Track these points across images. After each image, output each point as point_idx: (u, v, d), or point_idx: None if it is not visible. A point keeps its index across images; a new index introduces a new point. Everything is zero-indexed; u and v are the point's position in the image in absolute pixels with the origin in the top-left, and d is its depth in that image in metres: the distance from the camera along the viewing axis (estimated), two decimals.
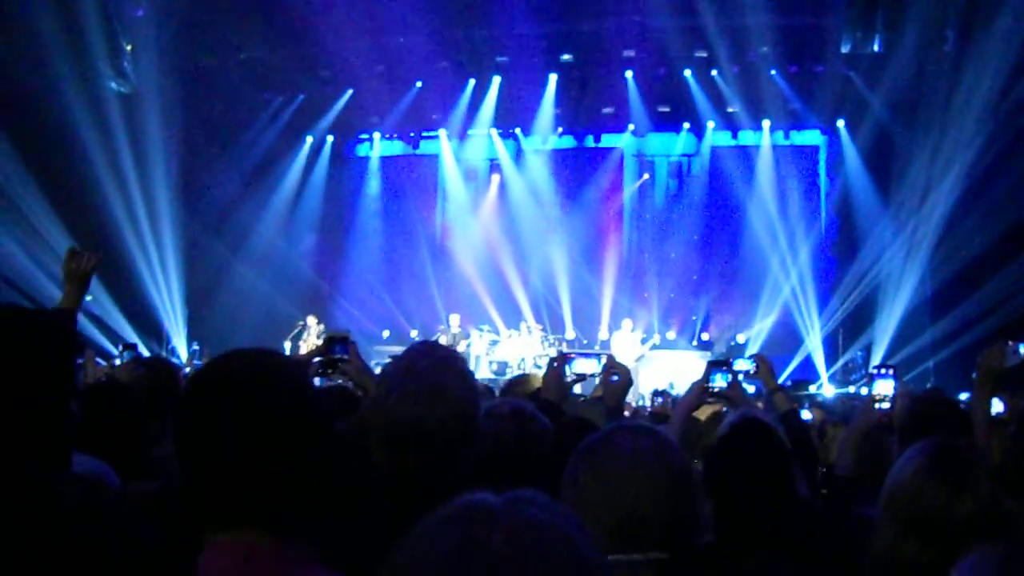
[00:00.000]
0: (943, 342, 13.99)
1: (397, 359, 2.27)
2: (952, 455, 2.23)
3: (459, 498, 1.02)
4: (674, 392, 11.15)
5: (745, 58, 16.81)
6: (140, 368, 4.12)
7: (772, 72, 17.00)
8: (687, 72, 17.65)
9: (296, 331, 15.83)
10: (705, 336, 18.09)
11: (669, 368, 16.02)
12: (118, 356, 8.35)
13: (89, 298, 3.40)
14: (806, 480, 3.13)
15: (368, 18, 16.14)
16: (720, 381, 3.65)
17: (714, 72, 17.39)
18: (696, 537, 1.81)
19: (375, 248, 20.25)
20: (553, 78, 18.30)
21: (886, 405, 3.58)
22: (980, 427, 3.31)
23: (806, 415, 6.51)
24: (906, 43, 14.87)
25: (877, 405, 3.57)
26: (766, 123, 18.17)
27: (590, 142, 19.73)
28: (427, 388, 2.11)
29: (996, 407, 4.05)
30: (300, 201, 19.73)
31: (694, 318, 18.40)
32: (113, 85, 16.06)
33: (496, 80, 18.50)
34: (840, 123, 17.59)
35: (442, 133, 19.93)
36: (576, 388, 4.11)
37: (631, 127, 19.04)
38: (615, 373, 3.75)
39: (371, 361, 9.16)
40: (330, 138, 20.10)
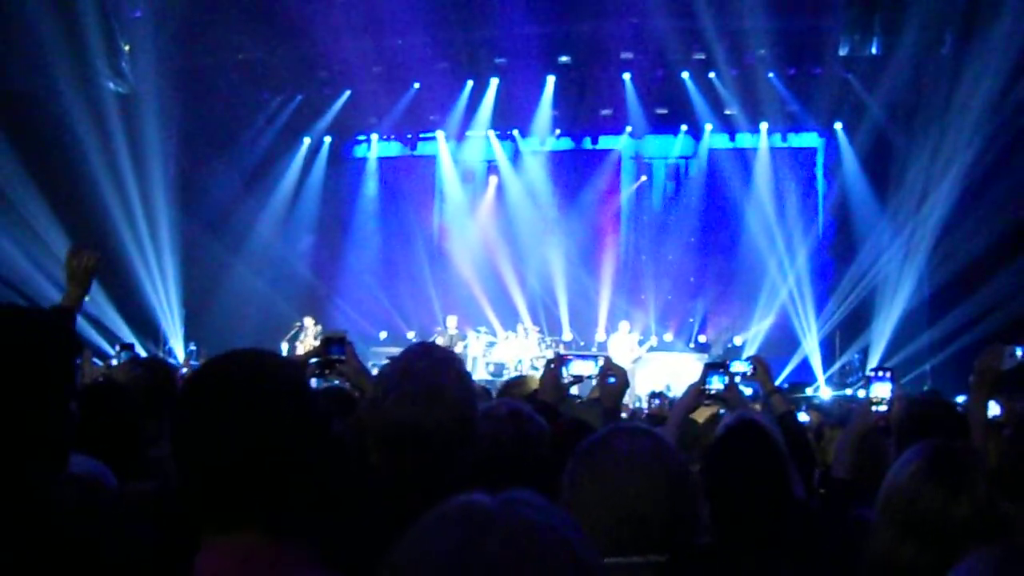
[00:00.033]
0: (940, 345, 14.00)
1: (395, 360, 2.27)
2: (949, 458, 2.23)
3: (455, 499, 1.02)
4: (671, 394, 11.15)
5: (743, 60, 16.82)
6: (137, 368, 4.11)
7: (770, 74, 17.01)
8: (685, 74, 17.64)
9: (293, 332, 15.82)
10: (702, 338, 18.09)
11: (666, 370, 16.02)
12: (115, 356, 8.34)
13: (87, 298, 3.37)
14: (803, 482, 3.14)
15: (366, 19, 16.15)
16: (717, 383, 3.65)
17: (712, 74, 17.37)
18: (694, 538, 1.81)
19: (372, 249, 20.23)
20: (551, 80, 18.30)
21: (883, 408, 3.58)
22: (977, 430, 3.31)
23: (803, 417, 6.52)
24: (904, 46, 14.90)
25: (874, 408, 3.57)
26: (764, 125, 18.15)
27: (588, 144, 19.71)
28: (425, 389, 2.11)
29: (993, 410, 4.05)
30: (298, 202, 19.71)
31: (691, 320, 18.40)
32: (111, 85, 16.06)
33: (494, 81, 18.50)
34: (838, 126, 17.59)
35: (440, 134, 19.92)
36: (573, 390, 4.11)
37: (629, 129, 19.03)
38: (612, 375, 3.75)
39: (368, 362, 9.16)
40: (328, 139, 20.06)
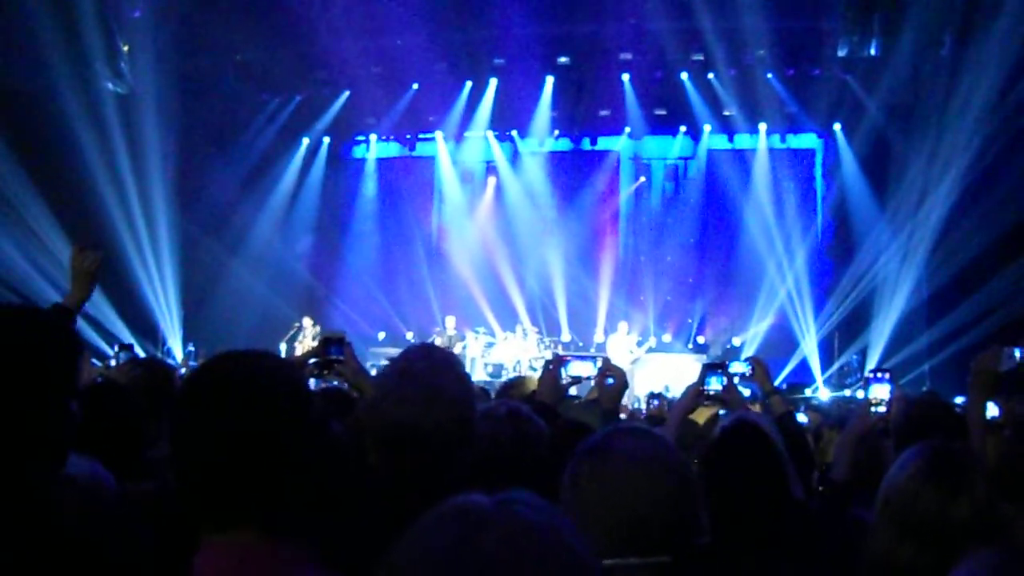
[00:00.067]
0: (939, 346, 14.01)
1: (394, 361, 2.27)
2: (948, 459, 2.23)
3: (453, 499, 1.02)
4: (670, 395, 11.17)
5: (742, 61, 16.83)
6: (137, 369, 4.11)
7: (769, 75, 17.02)
8: (684, 75, 17.64)
9: (292, 332, 15.82)
10: (701, 339, 18.09)
11: (665, 371, 16.01)
12: (113, 357, 8.33)
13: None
14: (801, 483, 3.14)
15: (365, 20, 16.15)
16: (715, 384, 3.65)
17: (711, 75, 17.37)
18: (695, 539, 1.81)
19: (371, 250, 20.23)
20: (550, 80, 18.30)
21: (882, 409, 3.58)
22: (975, 431, 3.31)
23: (802, 418, 6.52)
24: (903, 47, 14.91)
25: (873, 409, 3.57)
26: (762, 126, 18.15)
27: (586, 145, 19.71)
28: (424, 390, 2.11)
29: (991, 411, 4.05)
30: (296, 202, 19.71)
31: (690, 321, 18.40)
32: (110, 86, 16.06)
33: (493, 82, 18.50)
34: (837, 127, 17.59)
35: (438, 135, 19.92)
36: (572, 390, 4.11)
37: (627, 130, 19.03)
38: (611, 376, 3.75)
39: (367, 363, 9.15)
40: (326, 140, 20.06)
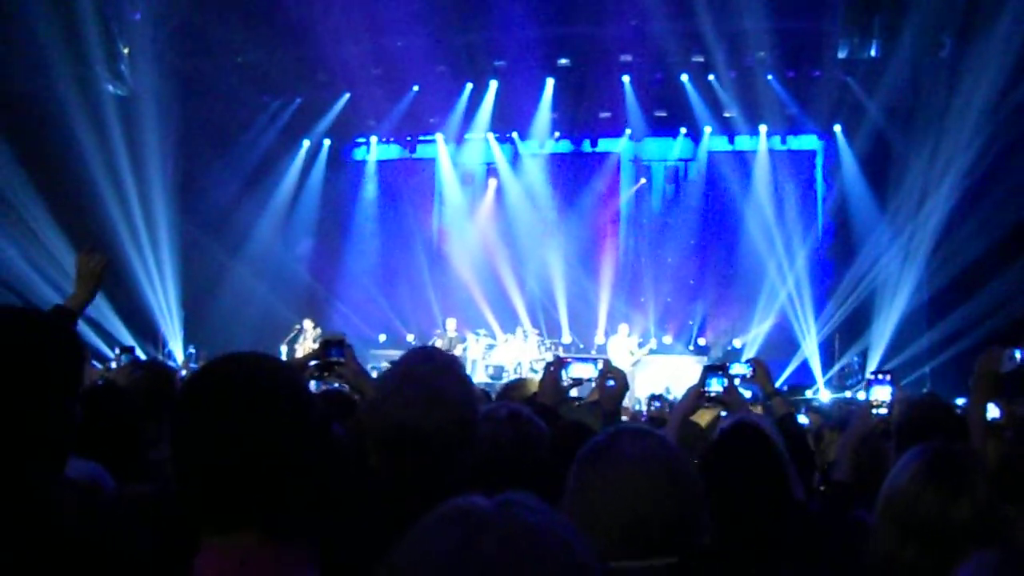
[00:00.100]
0: (939, 347, 14.00)
1: (396, 364, 2.27)
2: (949, 460, 2.23)
3: (453, 501, 1.02)
4: (670, 397, 11.18)
5: (742, 63, 16.82)
6: (137, 371, 4.11)
7: (769, 77, 17.03)
8: (684, 77, 17.63)
9: (292, 334, 15.81)
10: (701, 341, 18.10)
11: (665, 373, 16.04)
12: (114, 359, 8.33)
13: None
14: (802, 484, 3.14)
15: (365, 21, 16.15)
16: (716, 385, 3.65)
17: (711, 77, 17.36)
18: (697, 540, 1.81)
19: (372, 252, 20.23)
20: (550, 82, 18.31)
21: (883, 411, 3.58)
22: (976, 432, 3.31)
23: (803, 419, 6.52)
24: (903, 48, 14.90)
25: (874, 411, 3.57)
26: (763, 128, 18.15)
27: (587, 147, 19.71)
28: (425, 393, 2.11)
29: (992, 412, 4.04)
30: (297, 205, 19.71)
31: (691, 323, 18.41)
32: (110, 88, 16.04)
33: (493, 84, 18.51)
34: (837, 128, 17.58)
35: (439, 137, 19.92)
36: (573, 392, 4.11)
37: (628, 132, 19.02)
38: (611, 378, 3.75)
39: (367, 365, 9.13)
40: (327, 141, 20.05)
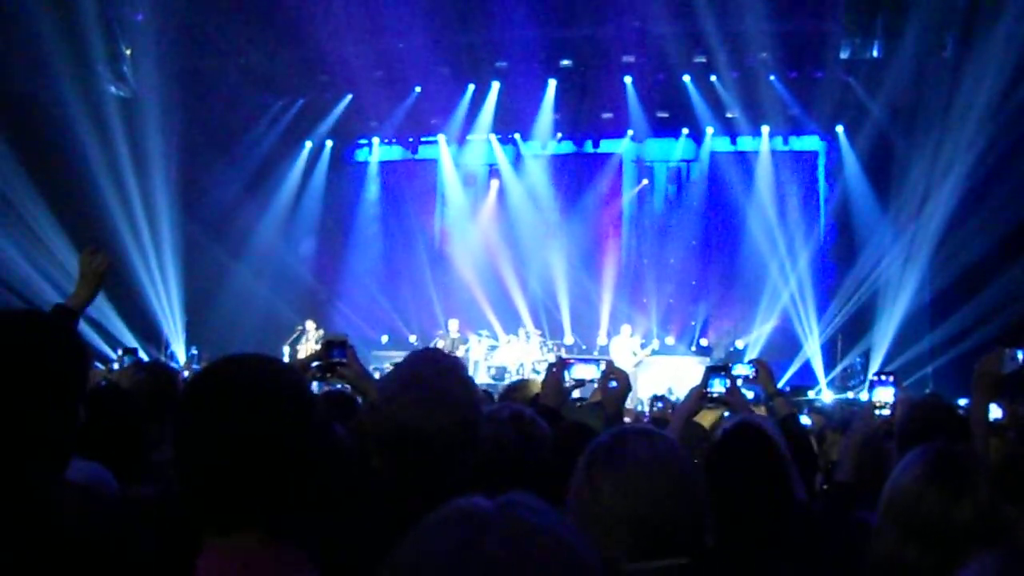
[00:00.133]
0: (942, 348, 13.99)
1: (399, 365, 2.27)
2: (951, 461, 2.22)
3: (455, 502, 1.02)
4: (673, 398, 11.17)
5: (744, 63, 16.82)
6: (140, 373, 4.11)
7: (771, 77, 17.01)
8: (686, 77, 17.63)
9: (295, 335, 15.80)
10: (704, 341, 18.10)
11: (668, 373, 16.02)
12: (117, 360, 8.34)
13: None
14: (804, 484, 3.13)
15: (367, 23, 16.16)
16: (719, 386, 3.65)
17: (713, 77, 17.36)
18: (705, 540, 1.81)
19: (374, 253, 20.23)
20: (552, 83, 18.31)
21: (886, 412, 3.58)
22: (978, 433, 3.30)
23: (805, 420, 6.51)
24: (905, 49, 14.90)
25: (877, 412, 3.57)
26: (765, 129, 18.13)
27: (589, 147, 19.71)
28: (428, 394, 2.11)
29: (995, 413, 4.04)
30: (299, 206, 19.71)
31: (693, 323, 18.40)
32: (112, 89, 16.08)
33: (495, 85, 18.51)
34: (839, 129, 17.57)
35: (441, 138, 19.93)
36: (575, 393, 4.10)
37: (630, 132, 19.02)
38: (614, 379, 3.74)
39: (369, 366, 9.12)
40: (329, 143, 20.07)
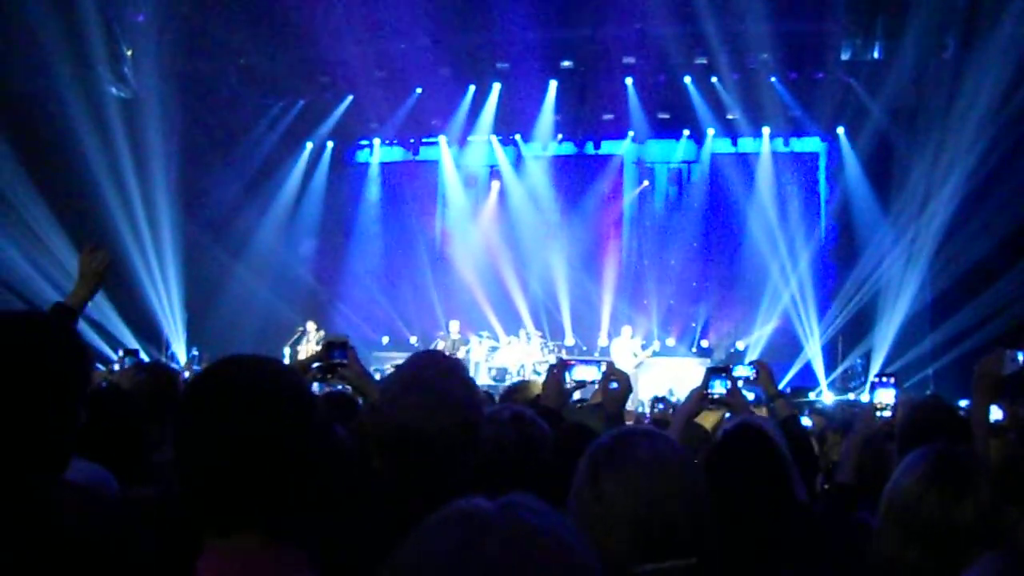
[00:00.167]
0: (943, 349, 13.98)
1: (401, 367, 2.27)
2: (952, 462, 2.22)
3: (456, 503, 1.02)
4: (673, 399, 11.16)
5: (745, 65, 16.81)
6: (141, 374, 4.10)
7: (772, 79, 17.01)
8: (687, 79, 17.62)
9: (295, 336, 15.80)
10: (705, 343, 18.10)
11: (668, 375, 16.02)
12: (118, 361, 8.33)
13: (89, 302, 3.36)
14: (805, 486, 3.13)
15: (368, 24, 16.17)
16: (719, 388, 3.64)
17: (714, 79, 17.35)
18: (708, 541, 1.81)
19: (375, 254, 20.24)
20: (553, 84, 18.30)
21: (887, 414, 3.58)
22: (979, 434, 3.30)
23: (806, 421, 6.51)
24: (906, 50, 14.90)
25: (878, 414, 3.56)
26: (766, 130, 18.14)
27: (590, 149, 19.70)
28: (429, 395, 2.11)
29: (995, 414, 4.03)
30: (300, 207, 19.71)
31: (694, 325, 18.40)
32: (113, 90, 16.08)
33: (496, 86, 18.50)
34: (840, 130, 17.55)
35: (442, 139, 19.93)
36: (576, 395, 4.10)
37: (631, 134, 19.02)
38: (615, 380, 3.73)
39: (370, 367, 9.11)
40: (330, 144, 20.08)
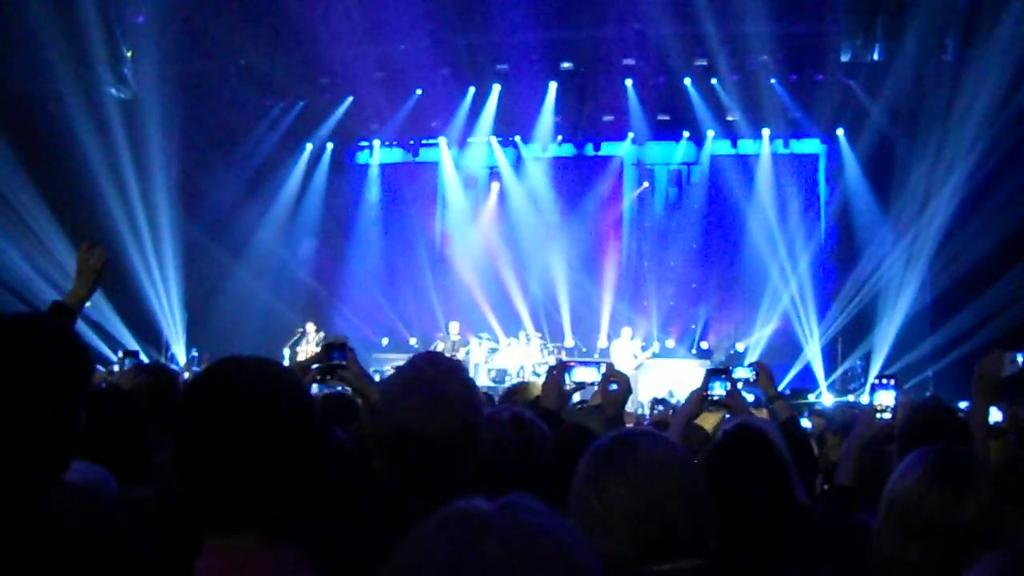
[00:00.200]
0: (942, 351, 13.98)
1: (401, 368, 2.27)
2: (952, 463, 2.22)
3: (455, 504, 1.02)
4: (673, 400, 11.17)
5: (745, 66, 16.83)
6: (140, 375, 4.10)
7: (772, 81, 17.02)
8: (687, 80, 17.63)
9: (295, 337, 15.79)
10: (704, 344, 18.09)
11: (668, 376, 16.00)
12: (117, 362, 8.33)
13: (87, 304, 3.36)
14: (805, 487, 3.13)
15: (368, 25, 16.18)
16: (719, 389, 3.65)
17: (714, 80, 17.37)
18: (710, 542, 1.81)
19: (374, 255, 20.21)
20: (553, 86, 18.31)
21: (888, 415, 3.57)
22: (978, 436, 3.30)
23: (806, 423, 6.51)
24: (906, 52, 14.91)
25: (878, 415, 3.56)
26: (766, 132, 18.13)
27: (590, 150, 19.71)
28: (429, 396, 2.11)
29: (995, 416, 4.03)
30: (300, 208, 19.71)
31: (693, 326, 18.39)
32: (113, 91, 16.08)
33: (496, 88, 18.51)
34: (840, 132, 17.54)
35: (442, 141, 19.92)
36: (575, 396, 4.10)
37: (631, 135, 19.01)
38: (614, 381, 3.73)
39: (369, 368, 9.11)
40: (330, 145, 20.07)
